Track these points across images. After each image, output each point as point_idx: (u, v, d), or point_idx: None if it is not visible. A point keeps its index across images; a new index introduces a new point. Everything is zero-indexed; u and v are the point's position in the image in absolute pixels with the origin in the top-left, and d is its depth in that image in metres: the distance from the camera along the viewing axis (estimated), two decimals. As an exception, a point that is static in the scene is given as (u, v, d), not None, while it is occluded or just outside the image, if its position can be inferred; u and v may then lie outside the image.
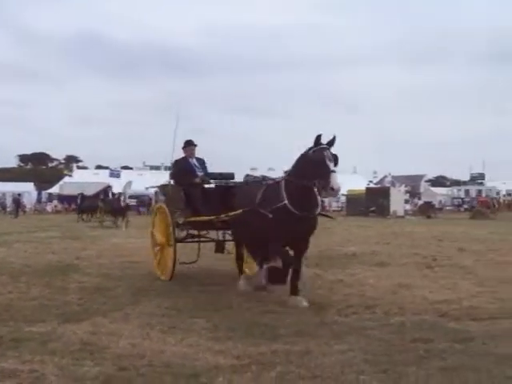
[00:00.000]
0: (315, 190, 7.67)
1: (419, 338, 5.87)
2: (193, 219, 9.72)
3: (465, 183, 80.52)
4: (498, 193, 68.98)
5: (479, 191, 70.07)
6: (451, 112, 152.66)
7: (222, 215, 9.02)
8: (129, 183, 45.11)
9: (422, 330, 6.22)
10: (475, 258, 12.93)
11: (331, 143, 7.65)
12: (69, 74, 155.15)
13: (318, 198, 7.98)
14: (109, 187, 33.19)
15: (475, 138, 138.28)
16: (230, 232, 10.07)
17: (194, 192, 9.91)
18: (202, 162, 10.49)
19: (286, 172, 8.41)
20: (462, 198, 67.97)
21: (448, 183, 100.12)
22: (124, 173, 63.52)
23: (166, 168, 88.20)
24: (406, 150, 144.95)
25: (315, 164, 7.42)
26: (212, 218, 9.26)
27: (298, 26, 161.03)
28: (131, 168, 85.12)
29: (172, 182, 10.65)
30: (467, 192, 71.00)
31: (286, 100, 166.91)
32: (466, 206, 60.87)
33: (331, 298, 8.21)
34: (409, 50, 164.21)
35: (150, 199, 58.94)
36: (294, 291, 7.91)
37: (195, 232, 10.37)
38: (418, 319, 6.79)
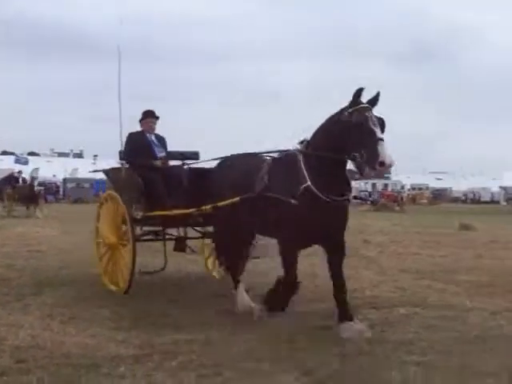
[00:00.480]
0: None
1: (321, 326, 6.04)
2: (161, 213, 7.64)
3: (371, 177, 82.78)
4: (402, 187, 71.42)
5: (385, 185, 72.33)
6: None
7: (206, 206, 6.92)
8: (35, 170, 43.58)
9: (325, 319, 6.37)
10: (379, 250, 13.35)
11: (373, 102, 5.70)
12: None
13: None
14: (19, 172, 30.32)
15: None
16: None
17: (156, 178, 7.84)
18: (162, 140, 8.41)
19: (301, 142, 6.15)
20: (370, 192, 69.96)
21: (356, 176, 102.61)
22: (31, 159, 61.65)
23: (75, 155, 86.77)
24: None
25: (355, 130, 5.51)
26: (190, 211, 7.25)
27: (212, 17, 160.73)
28: (38, 154, 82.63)
29: (125, 163, 8.24)
30: (374, 185, 73.12)
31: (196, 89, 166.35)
32: (371, 199, 62.60)
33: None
34: (323, 45, 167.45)
35: (58, 187, 57.53)
36: (346, 315, 5.92)
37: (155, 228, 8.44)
38: (322, 307, 6.94)
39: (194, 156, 8.57)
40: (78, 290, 7.84)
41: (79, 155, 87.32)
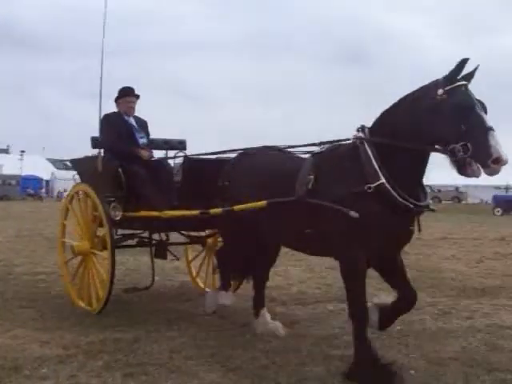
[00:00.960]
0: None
1: (248, 323, 6.08)
2: (151, 214, 6.28)
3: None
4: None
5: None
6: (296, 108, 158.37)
7: (216, 210, 5.62)
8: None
9: (251, 316, 6.43)
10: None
11: (470, 78, 4.23)
12: None
13: None
14: None
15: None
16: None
17: (140, 170, 6.54)
18: (144, 124, 7.21)
19: (361, 130, 4.63)
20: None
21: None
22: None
23: (1, 151, 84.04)
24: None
25: (456, 114, 4.08)
26: (193, 213, 5.96)
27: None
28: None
29: (101, 152, 6.79)
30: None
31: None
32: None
33: (167, 285, 8.25)
34: (257, 45, 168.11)
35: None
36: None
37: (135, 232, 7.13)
38: (249, 305, 7.00)
39: (181, 145, 7.63)
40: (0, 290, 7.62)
41: (5, 151, 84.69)
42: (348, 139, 4.73)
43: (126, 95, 7.01)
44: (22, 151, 70.48)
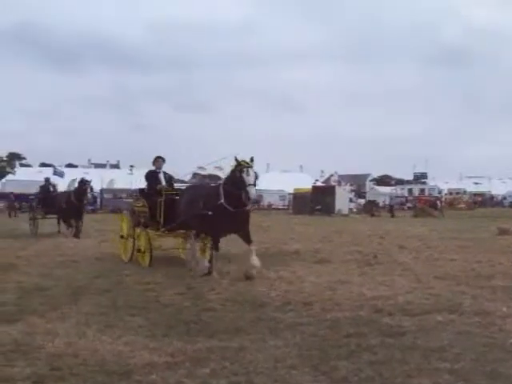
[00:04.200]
0: None
1: (353, 333, 6.01)
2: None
3: (408, 182, 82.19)
4: (440, 192, 70.60)
5: (422, 190, 71.68)
6: (395, 111, 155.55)
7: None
8: (73, 181, 44.23)
9: (357, 326, 6.36)
10: (414, 255, 13.24)
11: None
12: (8, 66, 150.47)
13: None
14: (47, 181, 23.62)
15: (418, 136, 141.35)
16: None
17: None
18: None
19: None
20: (406, 197, 69.37)
21: (393, 182, 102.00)
22: (69, 171, 62.56)
23: (112, 166, 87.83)
24: (352, 148, 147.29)
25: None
26: None
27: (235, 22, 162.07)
28: (76, 166, 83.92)
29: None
30: (410, 191, 72.56)
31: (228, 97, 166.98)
32: (409, 205, 62.11)
33: (270, 294, 8.29)
34: (348, 50, 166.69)
35: (95, 197, 58.29)
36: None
37: None
38: (354, 315, 6.93)
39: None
40: (112, 299, 7.95)
41: (116, 166, 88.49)
42: None
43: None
44: (131, 166, 73.27)
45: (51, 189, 22.86)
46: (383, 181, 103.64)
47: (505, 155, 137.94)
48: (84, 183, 19.90)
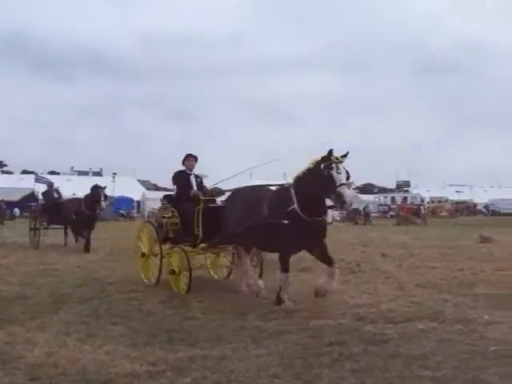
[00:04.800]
0: None
1: (335, 342, 6.00)
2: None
3: (391, 190, 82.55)
4: (422, 200, 70.93)
5: (405, 198, 72.01)
6: (376, 120, 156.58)
7: None
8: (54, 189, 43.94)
9: (339, 334, 6.35)
10: (396, 263, 13.29)
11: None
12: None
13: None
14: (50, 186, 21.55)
15: (402, 145, 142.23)
16: None
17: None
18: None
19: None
20: (389, 205, 69.63)
21: (375, 190, 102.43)
22: (51, 178, 62.13)
23: (95, 173, 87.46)
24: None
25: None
26: None
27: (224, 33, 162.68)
28: (58, 173, 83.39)
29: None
30: (393, 199, 72.84)
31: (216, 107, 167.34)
32: (392, 213, 62.33)
33: (253, 302, 8.27)
34: (334, 60, 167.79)
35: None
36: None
37: None
38: (336, 323, 6.92)
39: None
40: (93, 308, 7.89)
41: (99, 173, 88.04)
42: None
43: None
44: (114, 173, 72.88)
45: (55, 195, 20.17)
46: (366, 189, 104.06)
47: (487, 164, 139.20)
48: (97, 189, 17.58)
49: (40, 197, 22.11)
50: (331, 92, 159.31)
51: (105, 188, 18.08)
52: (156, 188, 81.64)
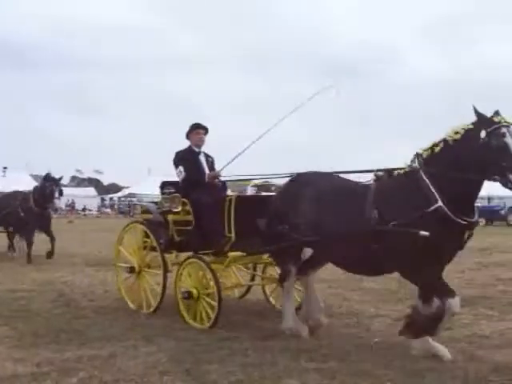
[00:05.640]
0: None
1: (227, 337, 6.04)
2: None
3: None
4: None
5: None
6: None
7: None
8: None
9: (231, 329, 6.39)
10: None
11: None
12: None
13: None
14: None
15: (302, 145, 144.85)
16: None
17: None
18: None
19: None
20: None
21: (273, 188, 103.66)
22: None
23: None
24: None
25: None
26: None
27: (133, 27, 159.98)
28: None
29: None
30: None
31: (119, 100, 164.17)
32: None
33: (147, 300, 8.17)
34: (238, 58, 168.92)
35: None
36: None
37: None
38: (229, 319, 6.96)
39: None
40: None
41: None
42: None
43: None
44: (5, 167, 69.85)
45: None
46: (264, 186, 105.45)
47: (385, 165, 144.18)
48: (50, 181, 13.42)
49: None
50: (236, 91, 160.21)
51: (60, 179, 14.00)
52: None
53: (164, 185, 7.89)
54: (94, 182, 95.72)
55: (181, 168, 7.30)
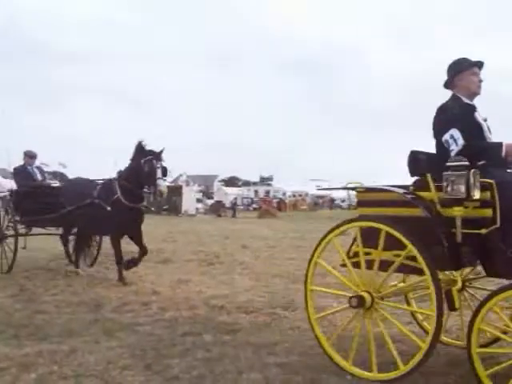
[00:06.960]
0: None
1: (189, 332, 6.04)
2: None
3: (255, 184, 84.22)
4: (284, 193, 72.97)
5: (267, 192, 73.81)
6: (249, 116, 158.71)
7: None
8: None
9: (193, 324, 6.41)
10: (255, 255, 13.59)
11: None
12: None
13: None
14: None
15: (270, 140, 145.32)
16: None
17: None
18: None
19: None
20: (252, 198, 71.03)
21: (240, 183, 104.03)
22: None
23: None
24: (200, 150, 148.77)
25: None
26: None
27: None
28: None
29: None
30: (256, 192, 74.43)
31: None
32: (255, 206, 63.62)
33: (109, 295, 8.12)
34: (201, 52, 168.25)
35: None
36: None
37: None
38: (192, 314, 6.98)
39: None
40: None
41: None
42: None
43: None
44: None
45: (38, 177, 11.24)
46: (231, 181, 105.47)
47: (347, 159, 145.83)
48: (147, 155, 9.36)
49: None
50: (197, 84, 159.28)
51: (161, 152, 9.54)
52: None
53: (414, 156, 4.79)
54: (58, 176, 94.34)
55: (454, 132, 4.48)
